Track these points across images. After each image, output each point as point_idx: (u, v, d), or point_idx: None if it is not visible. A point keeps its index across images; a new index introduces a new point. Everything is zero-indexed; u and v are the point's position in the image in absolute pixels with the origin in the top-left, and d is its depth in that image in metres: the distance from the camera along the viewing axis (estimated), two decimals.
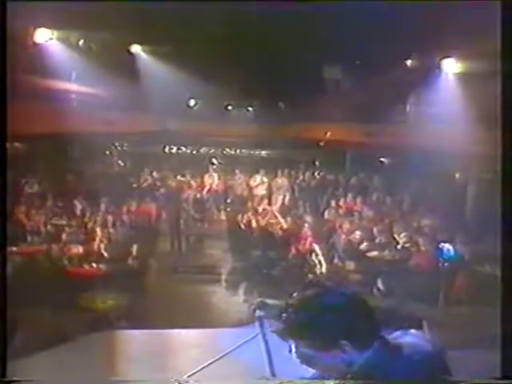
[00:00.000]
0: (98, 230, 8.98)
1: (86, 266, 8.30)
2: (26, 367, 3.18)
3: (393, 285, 7.77)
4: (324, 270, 8.11)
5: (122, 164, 12.17)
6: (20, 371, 3.11)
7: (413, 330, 1.97)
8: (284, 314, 1.88)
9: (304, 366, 1.90)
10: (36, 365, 3.10)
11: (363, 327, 1.86)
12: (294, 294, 1.84)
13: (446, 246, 8.28)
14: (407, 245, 8.66)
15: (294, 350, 1.86)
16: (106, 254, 8.45)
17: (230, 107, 12.87)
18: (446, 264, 8.18)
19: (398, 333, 1.93)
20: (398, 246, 8.72)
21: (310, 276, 7.32)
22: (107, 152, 12.32)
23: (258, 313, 2.30)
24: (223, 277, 8.45)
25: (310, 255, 8.18)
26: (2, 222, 2.83)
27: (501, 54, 2.93)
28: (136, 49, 11.37)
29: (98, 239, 8.74)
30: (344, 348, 1.82)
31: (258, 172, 11.61)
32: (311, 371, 2.73)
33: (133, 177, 11.72)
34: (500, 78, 2.95)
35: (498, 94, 3.28)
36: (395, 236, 8.93)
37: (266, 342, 2.24)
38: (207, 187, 11.35)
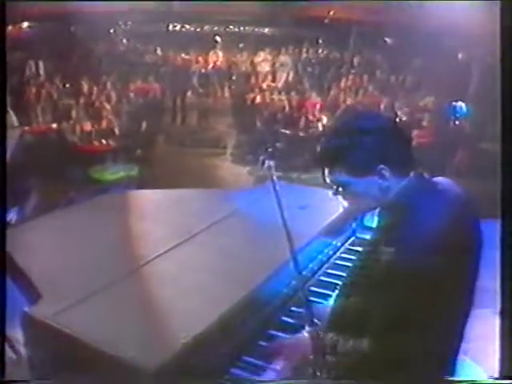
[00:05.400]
0: (106, 108, 8.87)
1: (96, 143, 8.24)
2: (36, 227, 3.10)
3: None
4: None
5: (127, 43, 11.69)
6: (30, 231, 3.05)
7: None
8: (322, 139, 1.78)
9: (338, 197, 1.81)
10: (44, 226, 3.02)
11: (401, 153, 1.75)
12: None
13: (459, 104, 8.08)
14: (406, 118, 8.53)
15: (329, 177, 1.77)
16: (114, 131, 8.38)
17: None
18: (457, 122, 8.00)
19: None
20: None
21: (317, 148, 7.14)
22: (111, 31, 11.79)
23: (267, 163, 2.13)
24: (229, 150, 8.36)
25: (318, 121, 7.97)
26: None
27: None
28: None
29: (106, 117, 8.64)
30: (382, 173, 1.70)
31: (261, 49, 11.19)
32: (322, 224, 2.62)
33: (138, 55, 11.35)
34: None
35: None
36: (397, 111, 8.77)
37: (277, 194, 2.09)
38: (211, 64, 10.99)
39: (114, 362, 1.98)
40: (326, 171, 1.80)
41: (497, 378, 2.21)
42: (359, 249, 2.69)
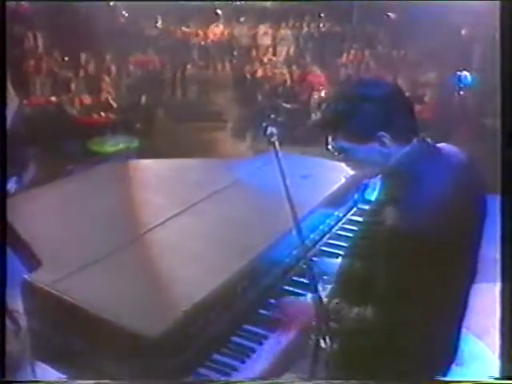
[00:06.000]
0: (105, 81, 8.80)
1: (95, 115, 8.20)
2: (37, 196, 3.07)
3: None
4: None
5: (127, 15, 11.53)
6: (31, 200, 3.01)
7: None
8: (323, 105, 1.76)
9: (341, 163, 1.81)
10: (44, 195, 2.99)
11: (402, 120, 1.72)
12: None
13: (464, 73, 7.94)
14: (408, 93, 8.45)
15: (330, 144, 1.75)
16: (114, 104, 8.33)
17: None
18: (461, 93, 7.87)
19: None
20: None
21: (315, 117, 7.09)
22: (111, 3, 11.63)
23: (270, 130, 2.09)
24: (229, 124, 8.29)
25: (319, 95, 7.91)
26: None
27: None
28: None
29: (105, 89, 8.58)
30: (382, 140, 1.68)
31: (262, 23, 11.07)
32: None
33: (137, 28, 11.22)
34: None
35: None
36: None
37: (279, 162, 2.05)
38: (212, 38, 10.88)
39: (114, 329, 1.96)
40: (327, 137, 1.78)
41: (497, 378, 2.20)
42: (361, 219, 2.68)
